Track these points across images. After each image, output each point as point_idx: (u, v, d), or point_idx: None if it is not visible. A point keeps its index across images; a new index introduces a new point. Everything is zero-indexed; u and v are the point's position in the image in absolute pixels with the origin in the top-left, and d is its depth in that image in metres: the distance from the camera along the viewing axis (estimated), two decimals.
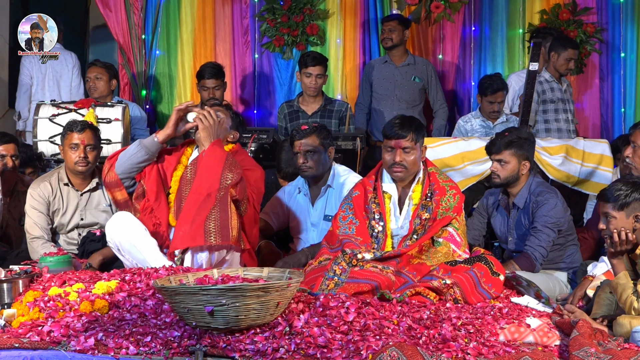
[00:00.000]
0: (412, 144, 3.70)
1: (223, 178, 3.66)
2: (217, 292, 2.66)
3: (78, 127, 4.21)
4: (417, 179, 3.78)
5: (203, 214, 3.59)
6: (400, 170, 3.73)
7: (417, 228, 3.66)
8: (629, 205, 3.07)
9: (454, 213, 3.68)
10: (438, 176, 3.79)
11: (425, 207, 3.71)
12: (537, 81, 5.80)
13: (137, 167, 3.94)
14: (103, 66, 5.80)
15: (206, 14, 6.78)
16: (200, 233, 3.58)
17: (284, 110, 5.87)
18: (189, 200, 3.71)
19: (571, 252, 4.18)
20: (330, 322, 2.82)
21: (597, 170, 5.00)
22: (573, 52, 5.76)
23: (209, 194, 3.63)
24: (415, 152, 3.73)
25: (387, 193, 3.79)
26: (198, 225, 3.57)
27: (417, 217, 3.69)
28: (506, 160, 4.12)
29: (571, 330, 2.79)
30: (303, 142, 4.36)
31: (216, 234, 3.59)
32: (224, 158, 3.73)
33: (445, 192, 3.72)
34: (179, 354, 2.68)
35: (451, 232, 3.64)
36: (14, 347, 2.76)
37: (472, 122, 5.77)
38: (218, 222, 3.60)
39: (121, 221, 3.82)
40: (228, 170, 3.69)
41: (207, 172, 3.69)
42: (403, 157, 3.71)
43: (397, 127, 3.71)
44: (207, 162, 3.73)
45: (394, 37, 6.11)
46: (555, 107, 5.81)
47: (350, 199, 3.82)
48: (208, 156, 3.75)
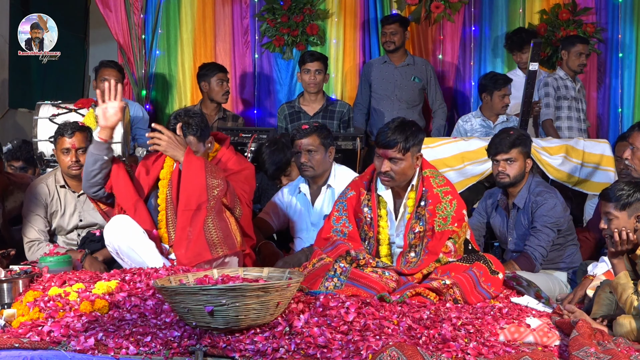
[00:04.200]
0: (399, 154, 3.54)
1: (209, 187, 3.62)
2: (217, 292, 2.66)
3: (68, 131, 4.20)
4: (411, 184, 3.65)
5: (198, 227, 3.57)
6: (387, 179, 3.61)
7: (412, 242, 3.57)
8: (631, 205, 3.08)
9: (454, 224, 3.53)
10: (433, 180, 3.63)
11: (419, 217, 3.58)
12: (553, 78, 5.86)
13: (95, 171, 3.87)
14: (116, 68, 5.77)
15: (206, 14, 6.78)
16: (205, 247, 3.57)
17: (285, 111, 5.86)
18: (181, 217, 3.66)
19: (571, 252, 4.18)
20: (330, 322, 2.82)
21: (597, 170, 5.00)
22: (582, 47, 5.90)
23: (199, 206, 3.61)
24: (404, 162, 3.56)
25: (382, 198, 3.70)
26: (197, 240, 3.57)
27: (410, 230, 3.58)
28: (514, 158, 4.12)
29: (571, 330, 2.79)
30: (304, 142, 4.37)
31: (222, 245, 3.60)
32: (202, 165, 3.66)
33: (440, 200, 3.56)
34: (179, 354, 2.68)
35: (450, 248, 3.51)
36: (14, 347, 2.76)
37: (472, 122, 5.77)
38: (220, 233, 3.60)
39: (119, 225, 3.77)
40: (211, 176, 3.63)
41: (192, 185, 3.63)
42: (390, 166, 3.56)
43: (387, 135, 3.55)
44: (188, 174, 3.66)
45: (396, 40, 6.12)
46: (568, 105, 5.88)
47: (344, 199, 3.75)
48: (186, 168, 3.67)
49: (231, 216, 3.71)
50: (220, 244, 3.59)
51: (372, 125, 6.19)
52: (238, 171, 3.93)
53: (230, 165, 3.93)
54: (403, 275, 3.46)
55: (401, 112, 5.96)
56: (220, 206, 3.64)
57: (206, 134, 3.90)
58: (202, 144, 3.87)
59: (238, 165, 3.97)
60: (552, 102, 5.85)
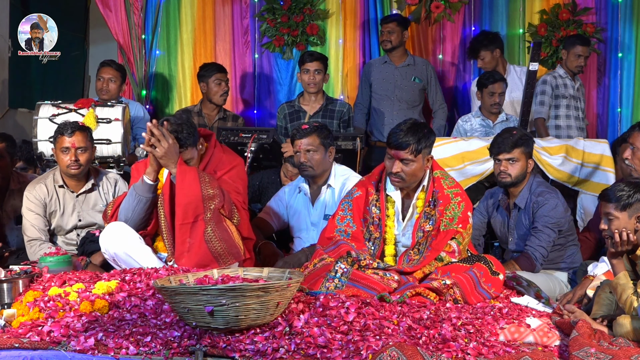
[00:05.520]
0: (411, 155, 3.55)
1: (205, 198, 3.59)
2: (217, 292, 2.66)
3: (68, 130, 4.20)
4: (421, 186, 3.67)
5: (198, 239, 3.57)
6: (397, 180, 3.62)
7: (420, 240, 3.58)
8: (631, 205, 3.07)
9: (459, 225, 3.54)
10: (443, 182, 3.65)
11: (428, 217, 3.60)
12: (552, 76, 5.88)
13: (145, 214, 3.80)
14: (118, 69, 5.76)
15: (206, 14, 6.78)
16: (210, 259, 3.57)
17: (284, 111, 5.85)
18: (180, 232, 3.62)
19: (571, 252, 4.18)
20: (330, 322, 2.82)
21: (597, 170, 5.00)
22: (582, 49, 5.91)
23: (196, 218, 3.59)
24: (416, 163, 3.58)
25: (391, 198, 3.70)
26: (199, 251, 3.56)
27: (419, 229, 3.60)
28: (517, 158, 4.12)
29: (571, 330, 2.79)
30: (303, 142, 4.37)
31: (227, 255, 3.61)
32: (196, 176, 3.63)
33: (450, 201, 3.58)
34: (179, 354, 2.68)
35: (454, 248, 3.52)
36: (14, 347, 2.76)
37: (472, 122, 5.77)
38: (224, 244, 3.60)
39: (115, 231, 3.76)
40: (206, 186, 3.61)
41: (187, 198, 3.60)
42: (401, 167, 3.57)
43: (399, 137, 3.55)
44: (182, 186, 3.62)
45: (393, 39, 6.11)
46: (567, 103, 5.90)
47: (350, 199, 3.75)
48: (180, 180, 3.63)
49: (231, 224, 3.71)
50: (225, 254, 3.61)
51: (372, 125, 6.19)
52: (229, 169, 3.90)
53: (221, 164, 3.91)
54: (404, 273, 3.46)
55: (401, 112, 5.97)
56: (219, 216, 3.63)
57: (196, 139, 3.85)
58: (195, 148, 3.84)
59: (228, 164, 3.94)
60: (547, 100, 5.86)
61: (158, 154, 3.66)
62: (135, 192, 3.76)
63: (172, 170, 3.68)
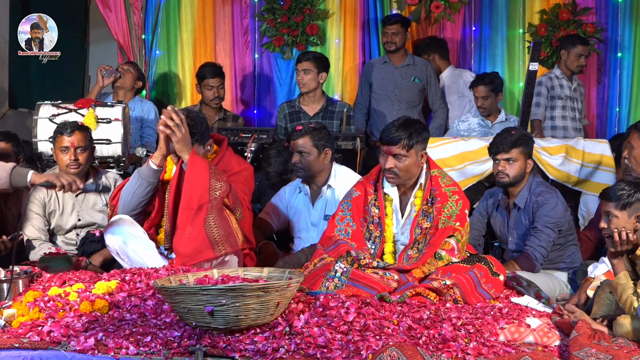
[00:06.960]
0: (403, 150, 3.57)
1: (212, 188, 3.60)
2: (217, 292, 2.66)
3: (67, 129, 4.20)
4: (418, 183, 3.68)
5: (198, 225, 3.56)
6: (392, 177, 3.63)
7: (417, 238, 3.58)
8: (632, 205, 3.08)
9: (457, 222, 3.55)
10: (441, 180, 3.66)
11: (426, 214, 3.61)
12: (548, 77, 5.88)
13: (145, 199, 3.82)
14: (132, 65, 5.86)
15: (206, 14, 6.78)
16: (207, 245, 3.56)
17: (284, 110, 5.84)
18: (182, 216, 3.62)
19: (571, 252, 4.18)
20: (330, 322, 2.82)
21: (597, 170, 5.00)
22: (582, 48, 5.92)
23: (200, 206, 3.58)
24: (409, 159, 3.59)
25: (389, 196, 3.71)
26: (198, 237, 3.55)
27: (417, 226, 3.60)
28: (515, 158, 4.12)
29: (571, 330, 2.79)
30: (297, 143, 4.37)
31: (224, 243, 3.59)
32: (207, 167, 3.64)
33: (448, 199, 3.59)
34: (179, 354, 2.67)
35: (453, 245, 3.52)
36: (14, 347, 2.76)
37: (470, 121, 5.80)
38: (222, 231, 3.59)
39: (119, 225, 3.76)
40: (214, 179, 3.62)
41: (195, 185, 3.60)
42: (394, 163, 3.59)
43: (390, 132, 3.59)
44: (192, 174, 3.62)
45: (398, 41, 6.12)
46: (563, 104, 5.89)
47: (349, 199, 3.76)
48: (191, 167, 3.63)
49: (231, 214, 3.71)
50: (222, 241, 3.59)
51: (372, 125, 6.19)
52: (238, 172, 3.93)
53: (230, 167, 3.93)
54: (404, 272, 3.46)
55: (401, 112, 5.96)
56: (221, 205, 3.63)
57: (206, 137, 3.88)
58: (202, 146, 3.85)
59: (238, 167, 3.97)
60: (542, 101, 5.87)
61: (176, 138, 3.65)
62: (139, 174, 3.78)
63: (184, 156, 3.67)
